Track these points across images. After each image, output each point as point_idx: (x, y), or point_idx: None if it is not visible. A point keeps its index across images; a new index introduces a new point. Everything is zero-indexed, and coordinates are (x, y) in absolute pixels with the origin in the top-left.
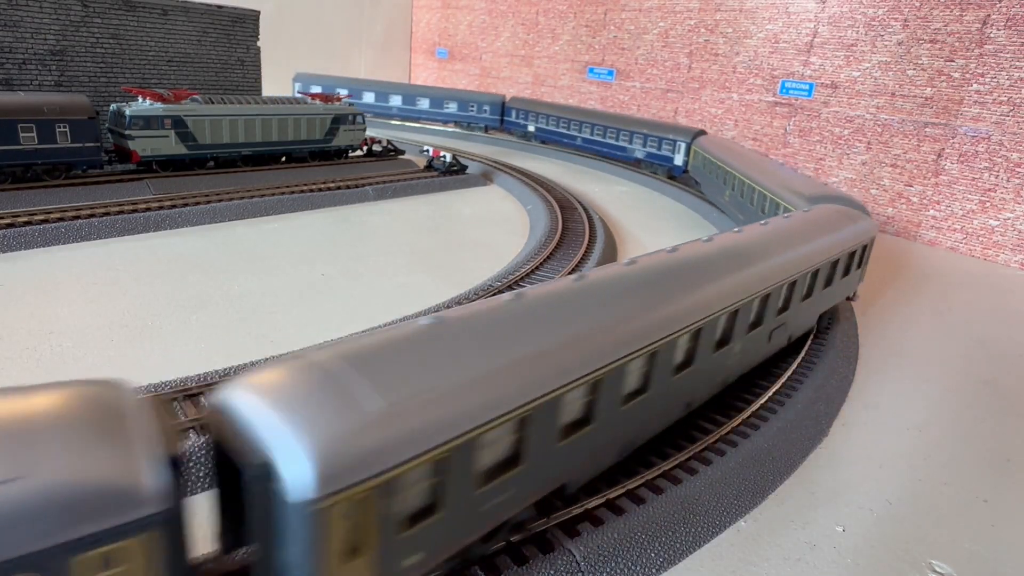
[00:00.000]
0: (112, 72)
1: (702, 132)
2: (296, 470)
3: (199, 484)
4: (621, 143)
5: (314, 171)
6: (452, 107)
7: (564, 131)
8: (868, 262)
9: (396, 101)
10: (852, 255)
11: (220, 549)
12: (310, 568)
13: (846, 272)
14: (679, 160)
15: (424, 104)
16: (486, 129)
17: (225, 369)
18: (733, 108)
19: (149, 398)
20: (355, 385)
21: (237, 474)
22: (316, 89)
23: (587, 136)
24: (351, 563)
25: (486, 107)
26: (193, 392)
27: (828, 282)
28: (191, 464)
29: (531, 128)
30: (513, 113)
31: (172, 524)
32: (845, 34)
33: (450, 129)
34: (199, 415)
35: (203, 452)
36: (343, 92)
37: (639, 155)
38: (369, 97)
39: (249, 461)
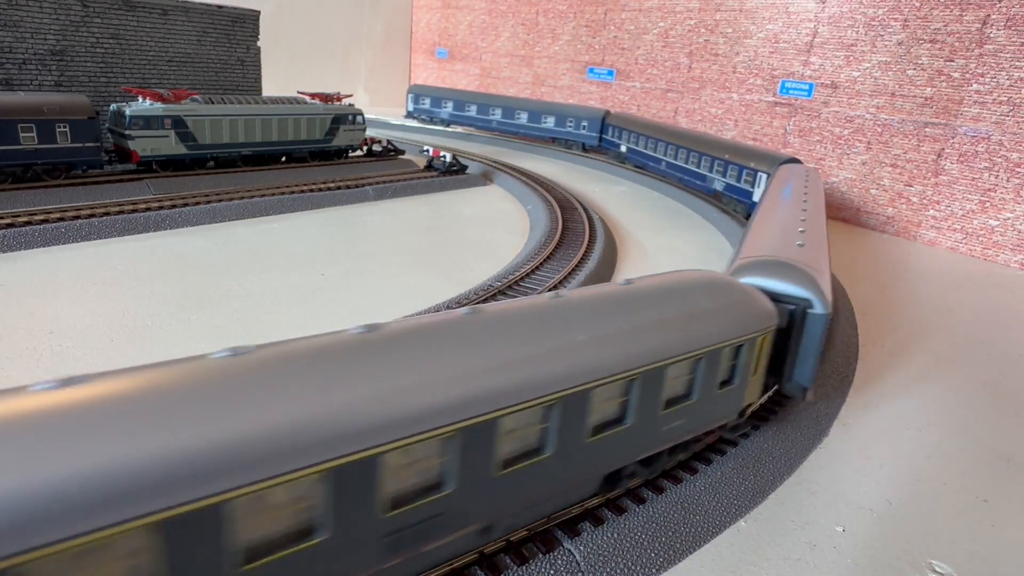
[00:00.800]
0: (112, 72)
1: (792, 160)
2: None
3: None
4: (702, 170)
5: (314, 171)
6: (549, 122)
7: (651, 153)
8: (760, 367)
9: (496, 115)
10: (697, 363)
11: None
12: None
13: (684, 395)
14: (758, 195)
15: (523, 118)
16: (584, 148)
17: None
18: (733, 108)
19: None
20: None
21: None
22: (425, 102)
23: (670, 160)
24: None
25: (584, 123)
26: None
27: (616, 420)
28: None
29: (623, 148)
30: (610, 131)
31: None
32: (845, 34)
33: (547, 147)
34: None
35: None
36: (448, 104)
37: (718, 186)
38: (472, 110)
39: None
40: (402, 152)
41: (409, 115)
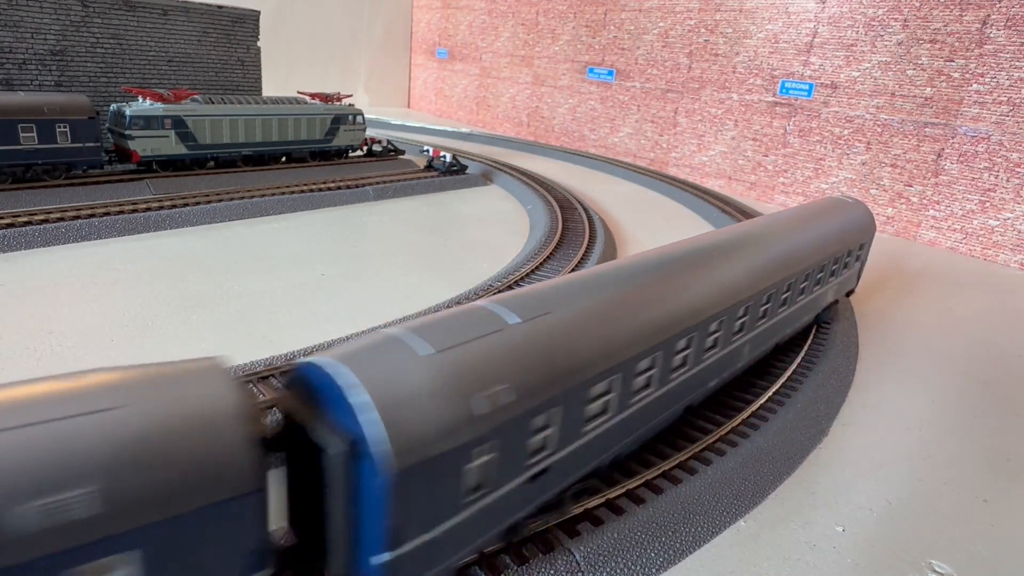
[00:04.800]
0: (112, 72)
1: None
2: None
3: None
4: None
5: (314, 171)
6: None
7: None
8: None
9: None
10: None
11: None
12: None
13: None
14: None
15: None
16: None
17: None
18: (733, 108)
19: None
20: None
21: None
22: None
23: None
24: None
25: None
26: None
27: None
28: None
29: None
30: None
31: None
32: (845, 34)
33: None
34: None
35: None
36: None
37: None
38: None
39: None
40: (402, 152)
41: None
